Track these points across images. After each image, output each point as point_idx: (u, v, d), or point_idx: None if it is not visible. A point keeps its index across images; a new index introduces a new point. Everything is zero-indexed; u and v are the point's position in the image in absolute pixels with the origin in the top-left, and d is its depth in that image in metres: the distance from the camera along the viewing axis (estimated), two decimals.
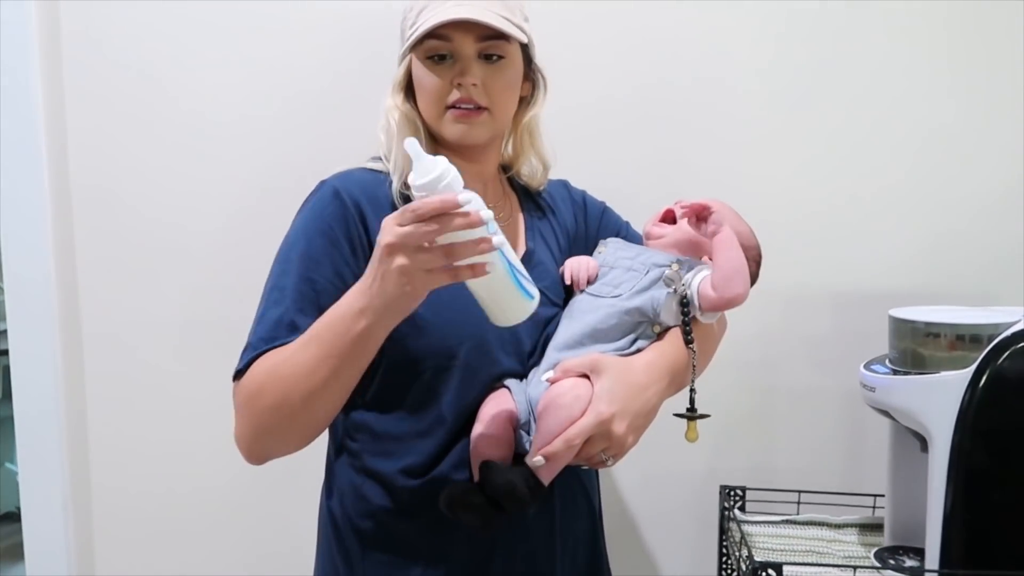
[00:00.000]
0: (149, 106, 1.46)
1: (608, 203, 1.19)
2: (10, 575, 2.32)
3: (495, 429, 0.92)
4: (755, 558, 1.05)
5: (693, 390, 1.01)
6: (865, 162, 1.40)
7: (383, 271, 0.80)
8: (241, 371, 0.92)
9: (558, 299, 1.04)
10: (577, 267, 1.05)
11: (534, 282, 0.86)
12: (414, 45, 0.96)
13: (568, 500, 1.01)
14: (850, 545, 1.22)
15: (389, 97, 1.01)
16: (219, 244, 1.48)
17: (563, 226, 1.13)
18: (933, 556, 1.01)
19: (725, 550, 1.30)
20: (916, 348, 1.06)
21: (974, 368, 0.97)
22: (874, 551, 1.17)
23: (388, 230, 0.79)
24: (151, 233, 1.48)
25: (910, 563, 1.11)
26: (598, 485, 1.11)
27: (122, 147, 1.47)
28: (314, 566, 1.05)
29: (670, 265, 1.00)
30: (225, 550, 1.54)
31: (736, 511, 1.32)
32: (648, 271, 1.00)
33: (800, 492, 1.32)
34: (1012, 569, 0.97)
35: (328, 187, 0.98)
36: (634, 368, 0.94)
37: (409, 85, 1.01)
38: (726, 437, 1.45)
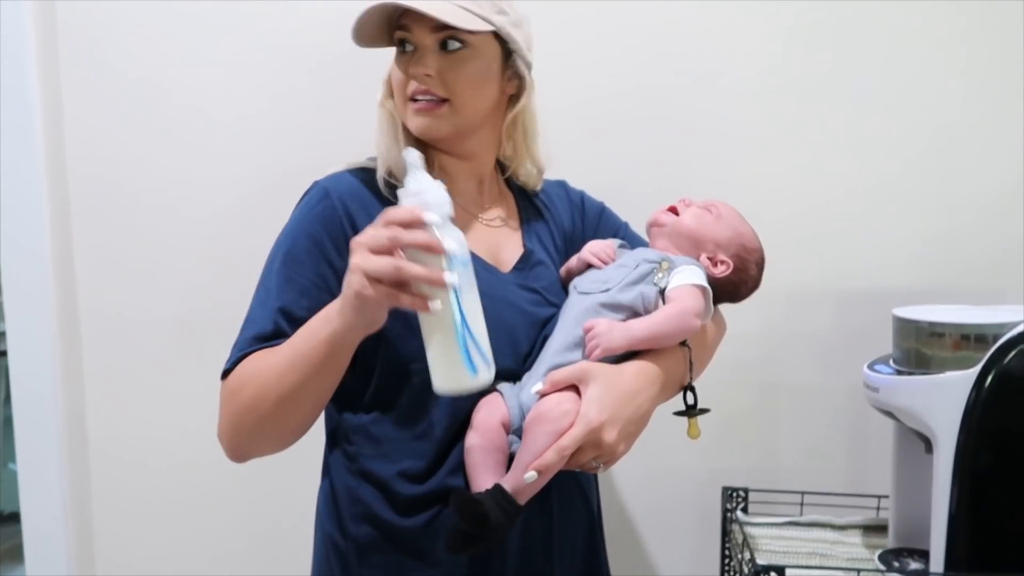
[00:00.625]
0: (146, 105, 1.45)
1: (608, 203, 1.18)
2: None
3: (488, 435, 0.91)
4: (758, 560, 1.05)
5: (692, 388, 1.00)
6: (869, 160, 1.39)
7: (347, 273, 0.81)
8: (228, 370, 0.94)
9: (557, 299, 1.03)
10: (596, 249, 1.04)
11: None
12: (359, 35, 0.94)
13: (565, 502, 1.00)
14: (854, 547, 1.21)
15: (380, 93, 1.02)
16: (217, 244, 1.47)
17: (560, 227, 1.12)
18: (938, 558, 1.00)
19: (727, 552, 1.30)
20: (920, 348, 1.06)
21: (979, 368, 0.97)
22: (878, 553, 1.16)
23: (362, 231, 0.80)
24: (150, 232, 1.48)
25: (915, 565, 1.10)
26: (597, 487, 1.10)
27: (120, 144, 1.46)
28: (311, 569, 1.05)
29: (660, 263, 0.99)
30: (225, 551, 1.54)
31: (738, 512, 1.31)
32: (638, 265, 0.99)
33: (803, 493, 1.31)
34: (1018, 572, 0.97)
35: (319, 188, 0.98)
36: (624, 374, 0.93)
37: None
38: (728, 438, 1.44)
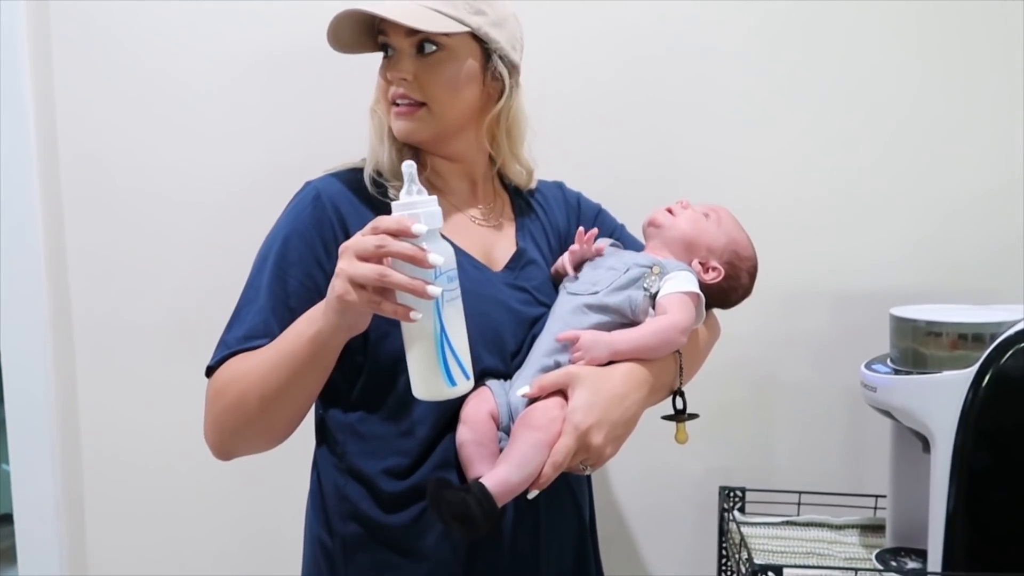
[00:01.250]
0: (140, 105, 1.44)
1: (603, 204, 1.18)
2: None
3: (479, 428, 0.91)
4: (755, 560, 1.05)
5: (681, 393, 1.00)
6: (865, 159, 1.39)
7: (333, 277, 0.81)
8: (212, 368, 0.94)
9: (547, 299, 1.03)
10: (578, 233, 1.03)
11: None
12: (336, 42, 0.95)
13: (554, 501, 0.99)
14: (851, 546, 1.21)
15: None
16: (211, 245, 1.46)
17: (554, 227, 1.12)
18: (935, 558, 1.00)
19: (725, 551, 1.30)
20: (917, 347, 1.05)
21: (977, 367, 0.97)
22: (876, 553, 1.16)
23: (352, 237, 0.81)
24: (143, 233, 1.47)
25: (912, 565, 1.10)
26: (590, 489, 1.10)
27: (113, 146, 1.46)
28: (301, 569, 1.04)
29: (651, 267, 0.99)
30: (217, 552, 1.53)
31: (736, 512, 1.31)
32: (628, 269, 0.98)
33: (800, 493, 1.31)
34: (1015, 571, 0.96)
35: (310, 188, 0.98)
36: (612, 378, 0.93)
37: None
38: (725, 437, 1.43)
